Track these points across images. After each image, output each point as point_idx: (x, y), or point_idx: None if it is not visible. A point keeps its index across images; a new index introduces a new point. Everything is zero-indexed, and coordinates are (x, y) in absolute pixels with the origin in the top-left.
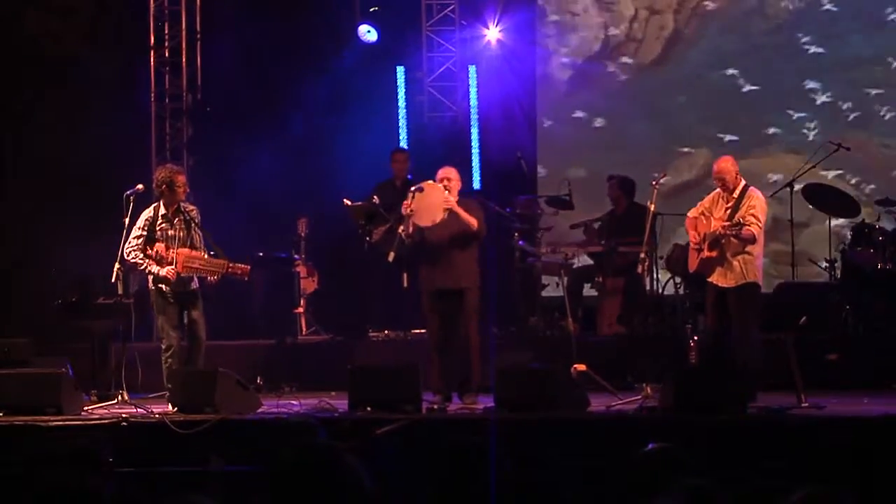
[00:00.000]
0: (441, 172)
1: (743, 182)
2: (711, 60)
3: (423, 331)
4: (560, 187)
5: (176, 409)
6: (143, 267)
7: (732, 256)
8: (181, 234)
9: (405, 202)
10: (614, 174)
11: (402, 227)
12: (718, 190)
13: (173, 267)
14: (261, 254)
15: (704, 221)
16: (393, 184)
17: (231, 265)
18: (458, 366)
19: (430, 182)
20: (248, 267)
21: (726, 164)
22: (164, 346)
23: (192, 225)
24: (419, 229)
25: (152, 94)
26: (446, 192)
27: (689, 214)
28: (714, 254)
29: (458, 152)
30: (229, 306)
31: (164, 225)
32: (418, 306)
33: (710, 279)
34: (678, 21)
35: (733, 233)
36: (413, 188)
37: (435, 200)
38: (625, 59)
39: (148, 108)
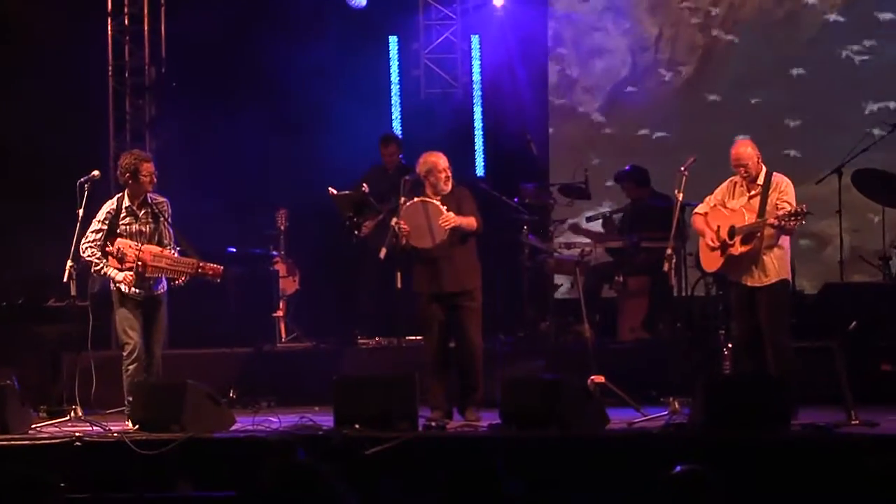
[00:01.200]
0: (430, 161)
1: (764, 168)
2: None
3: (419, 338)
4: (575, 174)
5: (137, 426)
6: (98, 268)
7: (766, 251)
8: (148, 229)
9: (397, 217)
10: (620, 171)
11: (395, 220)
12: (733, 179)
13: (131, 273)
14: (234, 250)
15: (727, 214)
16: (384, 169)
17: (202, 265)
18: (458, 377)
19: (426, 200)
20: (221, 267)
21: (746, 149)
22: (124, 352)
23: (161, 219)
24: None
25: (110, 68)
26: (444, 208)
27: (696, 210)
28: (748, 249)
29: (459, 134)
30: (199, 310)
31: (128, 219)
32: (414, 309)
33: (736, 279)
34: None
35: (792, 223)
36: (404, 201)
37: (433, 221)
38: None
39: (105, 84)
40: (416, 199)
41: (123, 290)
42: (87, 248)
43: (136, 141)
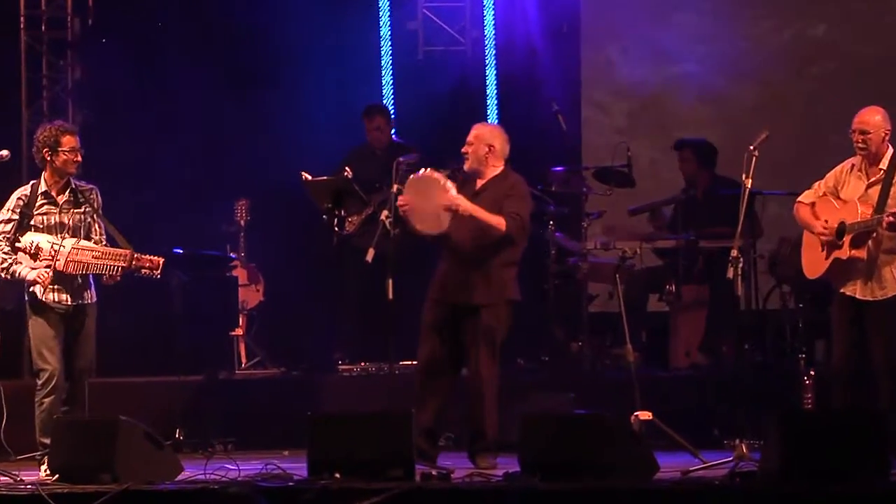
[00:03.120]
0: (482, 133)
1: (892, 150)
2: None
3: (416, 362)
4: (615, 153)
5: (57, 475)
6: (5, 265)
7: (884, 257)
8: (70, 220)
9: (399, 196)
10: (685, 139)
11: (385, 213)
12: (849, 162)
13: (48, 269)
14: (181, 251)
15: (837, 206)
16: (372, 150)
17: (137, 256)
18: (467, 412)
19: (428, 172)
20: (161, 259)
21: (874, 117)
22: (39, 381)
23: (88, 209)
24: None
25: (22, 19)
26: (449, 184)
27: (800, 199)
28: (859, 253)
29: (466, 104)
30: (135, 327)
31: (45, 208)
32: (410, 327)
33: (842, 289)
34: None
35: None
36: (398, 163)
37: (432, 201)
38: None
39: (16, 39)
40: (425, 171)
41: (39, 294)
42: None
43: (55, 112)
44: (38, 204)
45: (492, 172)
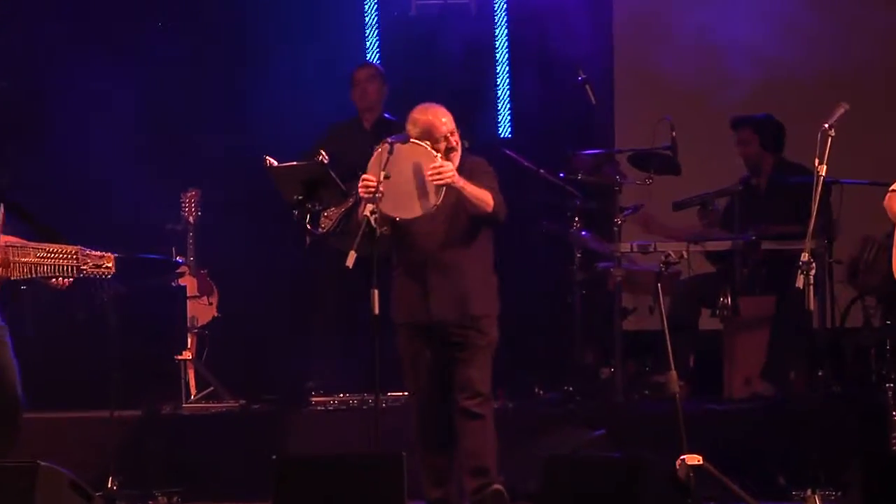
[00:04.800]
0: (425, 120)
1: None
2: None
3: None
4: (656, 133)
5: None
6: None
7: None
8: None
9: (369, 176)
10: (745, 116)
11: (370, 207)
12: None
13: None
14: (115, 255)
15: None
16: (358, 125)
17: (85, 252)
18: (462, 457)
19: (410, 141)
20: (112, 255)
21: None
22: None
23: None
24: (393, 220)
25: None
26: (437, 155)
27: (894, 188)
28: None
29: (471, 73)
30: (57, 351)
31: None
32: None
33: None
34: None
35: None
36: (385, 144)
37: (415, 173)
38: None
39: None
40: (400, 144)
41: None
42: None
43: None
44: None
45: (456, 161)
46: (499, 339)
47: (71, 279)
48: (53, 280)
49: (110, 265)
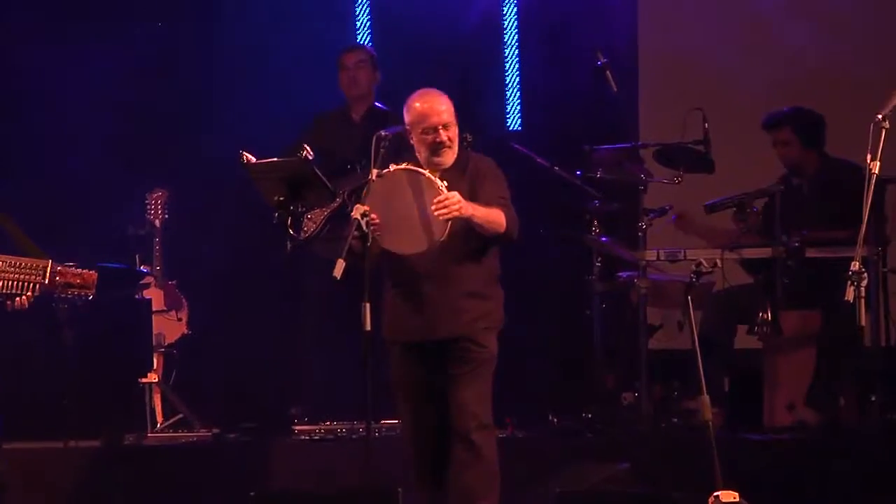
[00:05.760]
0: (420, 108)
1: None
2: None
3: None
4: (685, 125)
5: None
6: None
7: None
8: None
9: (361, 204)
10: (778, 113)
11: (361, 209)
12: None
13: None
14: (71, 264)
15: None
16: (346, 116)
17: (59, 268)
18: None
19: (412, 169)
20: (94, 273)
21: None
22: None
23: None
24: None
25: None
26: (441, 185)
27: None
28: None
29: (474, 55)
30: (8, 371)
31: None
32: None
33: None
34: None
35: None
36: (390, 146)
37: (425, 207)
38: None
39: None
40: (396, 167)
41: None
42: None
43: None
44: None
45: (452, 156)
46: (506, 359)
47: (31, 296)
48: (9, 302)
49: (89, 287)
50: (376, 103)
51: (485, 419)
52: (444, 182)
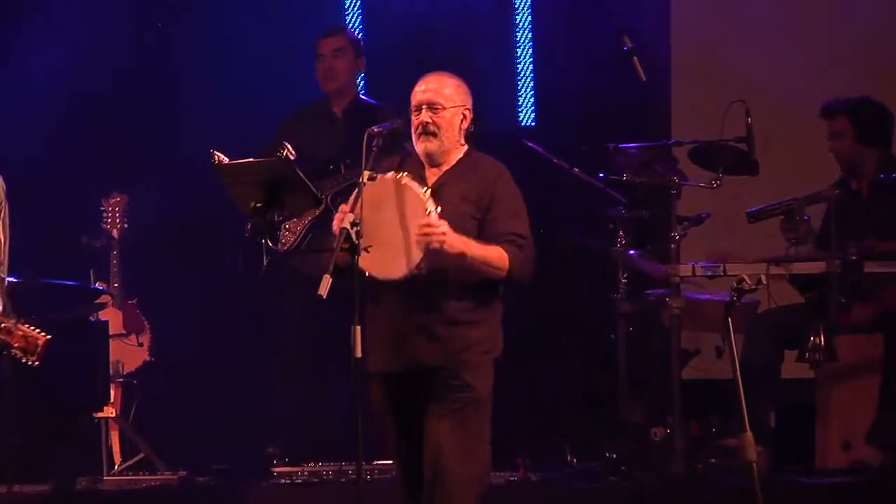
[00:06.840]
0: (425, 91)
1: None
2: None
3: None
4: (724, 121)
5: None
6: None
7: None
8: None
9: (350, 210)
10: (839, 100)
11: (349, 216)
12: None
13: None
14: (14, 279)
15: None
16: (327, 111)
17: (4, 324)
18: None
19: (401, 180)
20: (45, 336)
21: None
22: None
23: None
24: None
25: None
26: (431, 210)
27: None
28: None
29: (481, 40)
30: None
31: None
32: None
33: None
34: None
35: None
36: (383, 144)
37: (401, 223)
38: None
39: None
40: (385, 175)
41: None
42: None
43: None
44: None
45: (456, 155)
46: (516, 390)
47: None
48: None
49: (32, 354)
50: (362, 96)
51: (465, 471)
52: (439, 207)
